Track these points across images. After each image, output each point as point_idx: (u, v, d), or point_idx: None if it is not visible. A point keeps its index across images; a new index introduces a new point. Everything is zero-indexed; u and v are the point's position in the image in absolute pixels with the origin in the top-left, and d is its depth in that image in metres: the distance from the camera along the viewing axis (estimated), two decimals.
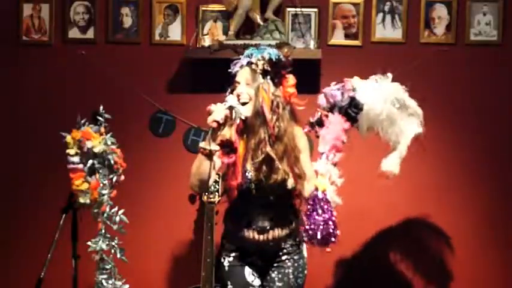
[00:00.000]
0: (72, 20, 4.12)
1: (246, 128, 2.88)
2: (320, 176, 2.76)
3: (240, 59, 2.94)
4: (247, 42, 3.84)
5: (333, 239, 2.70)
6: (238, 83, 2.88)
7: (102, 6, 4.12)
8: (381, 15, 4.09)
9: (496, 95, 4.09)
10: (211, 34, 4.03)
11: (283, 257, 2.94)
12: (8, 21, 4.12)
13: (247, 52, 2.94)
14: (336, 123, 2.82)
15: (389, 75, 3.01)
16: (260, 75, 2.86)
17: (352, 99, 2.87)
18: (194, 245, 4.02)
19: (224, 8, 4.01)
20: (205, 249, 3.62)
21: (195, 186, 2.87)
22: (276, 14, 3.99)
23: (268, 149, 2.81)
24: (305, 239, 2.76)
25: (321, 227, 2.67)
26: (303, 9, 4.03)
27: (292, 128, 2.90)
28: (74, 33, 4.12)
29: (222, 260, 2.99)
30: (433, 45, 4.08)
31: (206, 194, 3.66)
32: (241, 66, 2.91)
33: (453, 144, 4.09)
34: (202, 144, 2.78)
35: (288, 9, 4.06)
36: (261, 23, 3.93)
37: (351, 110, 2.86)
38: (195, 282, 3.77)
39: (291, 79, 2.95)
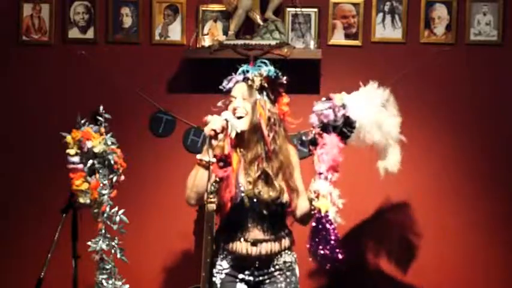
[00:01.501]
0: (72, 20, 4.12)
1: (241, 142, 2.88)
2: (322, 197, 2.76)
3: (233, 76, 2.96)
4: (247, 42, 3.85)
5: (337, 259, 2.71)
6: (234, 97, 2.88)
7: (102, 6, 4.12)
8: (381, 15, 4.09)
9: (496, 95, 4.09)
10: (211, 34, 4.03)
11: (276, 273, 2.93)
12: (8, 21, 4.12)
13: (242, 69, 2.95)
14: (332, 144, 2.83)
15: (372, 82, 3.03)
16: (256, 91, 2.87)
17: (346, 118, 2.88)
18: (194, 245, 4.03)
19: (224, 8, 4.01)
20: (205, 250, 3.61)
21: (192, 199, 2.87)
22: (276, 14, 3.99)
23: (265, 165, 2.83)
24: (310, 258, 2.76)
25: (326, 249, 2.67)
26: (303, 9, 4.03)
27: (286, 144, 2.92)
28: (74, 33, 4.12)
29: (214, 278, 2.98)
30: (433, 45, 4.08)
31: (206, 194, 3.65)
32: (237, 82, 2.92)
33: (453, 144, 4.09)
34: (199, 156, 2.77)
35: (288, 9, 4.05)
36: (261, 23, 3.93)
37: (346, 129, 2.88)
38: (195, 282, 3.77)
39: (285, 98, 2.96)
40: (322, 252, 2.71)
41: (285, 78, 2.94)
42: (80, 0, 4.12)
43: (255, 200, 2.83)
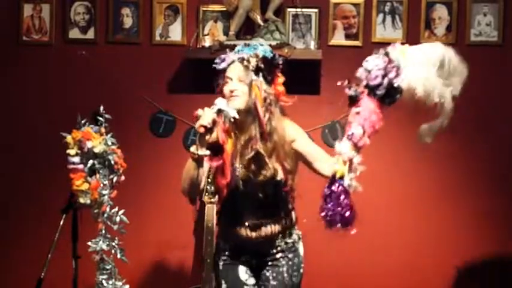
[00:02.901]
0: (73, 20, 4.12)
1: (236, 125, 2.83)
2: (341, 161, 2.66)
3: (226, 53, 2.90)
4: (247, 42, 3.84)
5: (351, 223, 2.63)
6: (230, 79, 2.83)
7: (103, 6, 4.12)
8: (381, 15, 4.09)
9: (496, 95, 4.09)
10: (212, 34, 4.03)
11: (278, 255, 2.91)
12: (8, 21, 4.13)
13: (236, 49, 2.89)
14: (369, 110, 2.61)
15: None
16: (252, 72, 2.82)
17: (390, 87, 2.62)
18: (194, 245, 4.02)
19: (224, 8, 4.01)
20: (205, 249, 3.62)
21: (186, 190, 2.86)
22: (277, 14, 3.99)
23: (259, 145, 2.80)
24: (324, 223, 2.67)
25: (339, 214, 2.61)
26: (303, 10, 4.03)
27: (282, 124, 2.87)
28: (74, 33, 4.12)
29: (217, 259, 2.98)
30: None
31: (206, 194, 3.66)
32: (232, 62, 2.86)
33: (453, 145, 4.09)
34: (192, 149, 2.76)
35: (289, 9, 4.06)
36: (262, 23, 3.93)
37: (387, 99, 2.63)
38: (195, 282, 3.78)
39: (281, 77, 2.93)
40: (329, 214, 2.63)
41: (281, 58, 2.89)
42: (80, 0, 4.12)
43: (249, 182, 2.82)
